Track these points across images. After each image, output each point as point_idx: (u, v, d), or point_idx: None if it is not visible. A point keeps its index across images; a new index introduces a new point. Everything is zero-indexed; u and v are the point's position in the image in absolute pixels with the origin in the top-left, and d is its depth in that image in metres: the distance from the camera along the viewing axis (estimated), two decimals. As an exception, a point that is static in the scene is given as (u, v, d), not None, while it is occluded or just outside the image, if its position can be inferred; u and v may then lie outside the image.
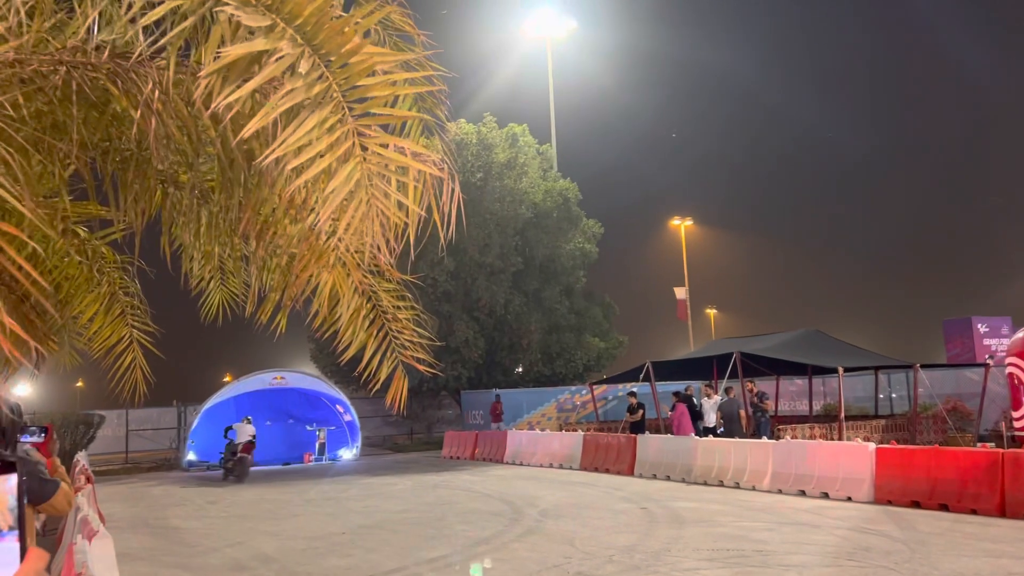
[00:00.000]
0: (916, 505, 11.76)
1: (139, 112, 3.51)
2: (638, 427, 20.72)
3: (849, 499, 12.66)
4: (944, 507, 11.41)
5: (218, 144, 3.80)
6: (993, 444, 16.25)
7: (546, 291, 30.91)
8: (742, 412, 18.58)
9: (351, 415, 25.85)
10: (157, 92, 3.49)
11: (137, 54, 3.50)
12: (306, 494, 16.80)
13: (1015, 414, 16.46)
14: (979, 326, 25.78)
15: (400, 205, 3.39)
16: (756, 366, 20.60)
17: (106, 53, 3.49)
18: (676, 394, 20.21)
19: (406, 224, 3.66)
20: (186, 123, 3.76)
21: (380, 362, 4.79)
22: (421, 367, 4.79)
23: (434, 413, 32.94)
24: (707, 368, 22.63)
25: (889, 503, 12.11)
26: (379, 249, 3.48)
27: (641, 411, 21.30)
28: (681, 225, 51.35)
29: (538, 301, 30.79)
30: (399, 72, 3.31)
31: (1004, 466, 11.02)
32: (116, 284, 6.08)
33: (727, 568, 8.30)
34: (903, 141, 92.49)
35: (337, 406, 25.91)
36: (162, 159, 3.95)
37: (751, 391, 18.91)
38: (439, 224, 3.42)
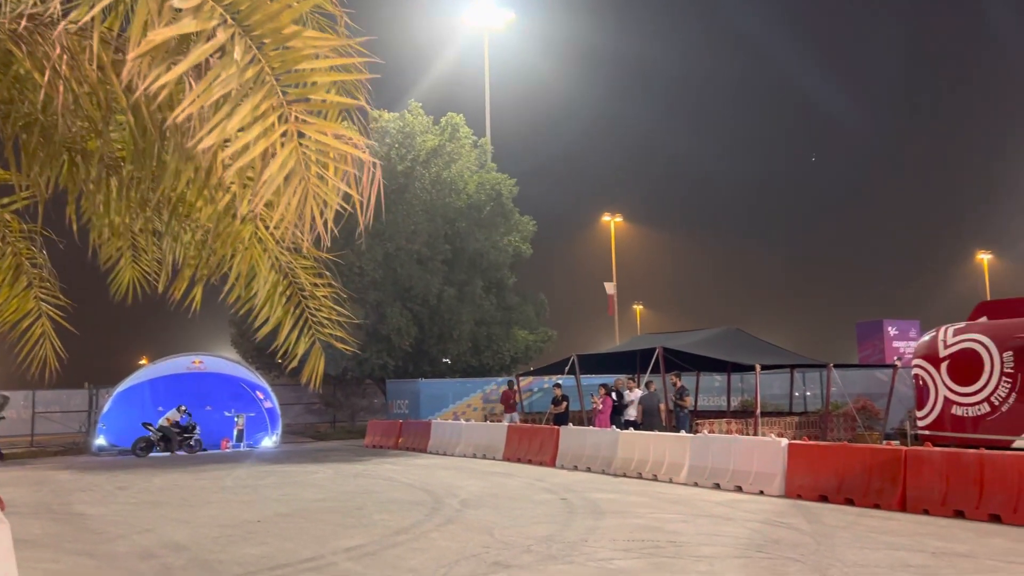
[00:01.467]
0: (824, 499, 12.19)
1: (45, 76, 3.32)
2: (562, 419, 20.93)
3: (761, 492, 13.03)
4: (850, 501, 11.86)
5: (129, 113, 3.63)
6: (898, 442, 16.97)
7: (471, 285, 30.86)
8: (662, 406, 18.93)
9: (272, 402, 25.37)
10: (65, 56, 3.31)
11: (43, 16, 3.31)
12: (222, 481, 16.40)
13: (919, 413, 17.21)
14: (889, 329, 26.87)
15: (330, 186, 3.31)
16: (678, 362, 21.02)
17: (7, 14, 3.29)
18: (603, 386, 20.50)
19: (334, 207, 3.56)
20: (95, 89, 3.58)
21: (297, 339, 4.69)
22: (339, 344, 4.71)
23: (358, 402, 32.59)
24: (631, 362, 22.99)
25: (799, 497, 12.51)
26: (309, 232, 3.40)
27: (565, 403, 21.52)
28: (611, 221, 52.03)
29: (464, 294, 30.75)
30: (332, 57, 3.22)
31: (906, 463, 11.52)
32: (22, 255, 5.77)
33: (641, 559, 8.44)
34: (823, 147, 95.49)
35: (257, 392, 25.38)
36: (69, 125, 3.75)
37: (675, 385, 19.29)
38: (359, 208, 3.36)
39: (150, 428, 22.79)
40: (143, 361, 35.83)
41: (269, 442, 25.08)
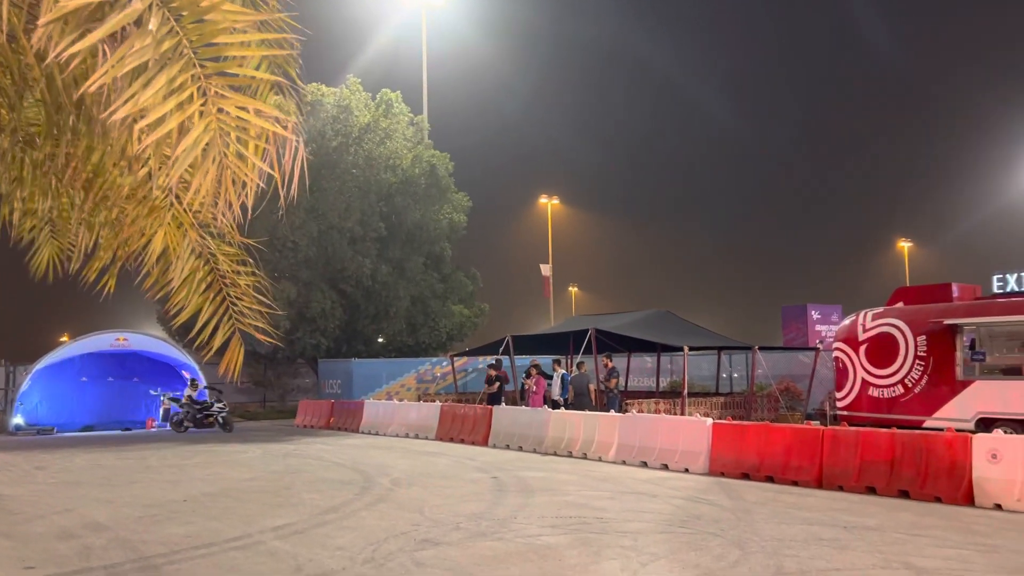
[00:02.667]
0: (746, 477, 12.60)
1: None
2: (495, 399, 21.08)
3: (687, 470, 13.39)
4: (770, 479, 12.29)
5: (43, 85, 3.50)
6: (819, 422, 17.60)
7: (411, 260, 30.75)
8: (592, 386, 19.22)
9: (199, 381, 24.86)
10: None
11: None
12: (146, 461, 16.06)
13: (838, 394, 17.89)
14: (813, 313, 27.71)
15: (250, 165, 3.26)
16: (610, 343, 21.36)
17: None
18: (535, 367, 20.72)
19: (258, 185, 3.52)
20: (7, 60, 3.44)
21: (215, 328, 4.61)
22: (260, 335, 4.65)
23: (289, 381, 32.21)
24: (564, 343, 23.26)
25: (722, 475, 12.91)
26: (228, 210, 3.35)
27: (499, 383, 21.66)
28: (548, 203, 52.30)
29: (402, 271, 30.60)
30: (253, 31, 3.17)
31: (824, 442, 11.98)
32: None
33: (568, 535, 8.61)
34: (753, 133, 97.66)
35: (184, 371, 24.84)
36: (-22, 96, 3.60)
37: (606, 366, 19.61)
38: (280, 184, 3.32)
39: (178, 403, 22.44)
40: (64, 338, 34.68)
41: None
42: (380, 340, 31.77)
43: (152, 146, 2.91)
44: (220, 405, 22.41)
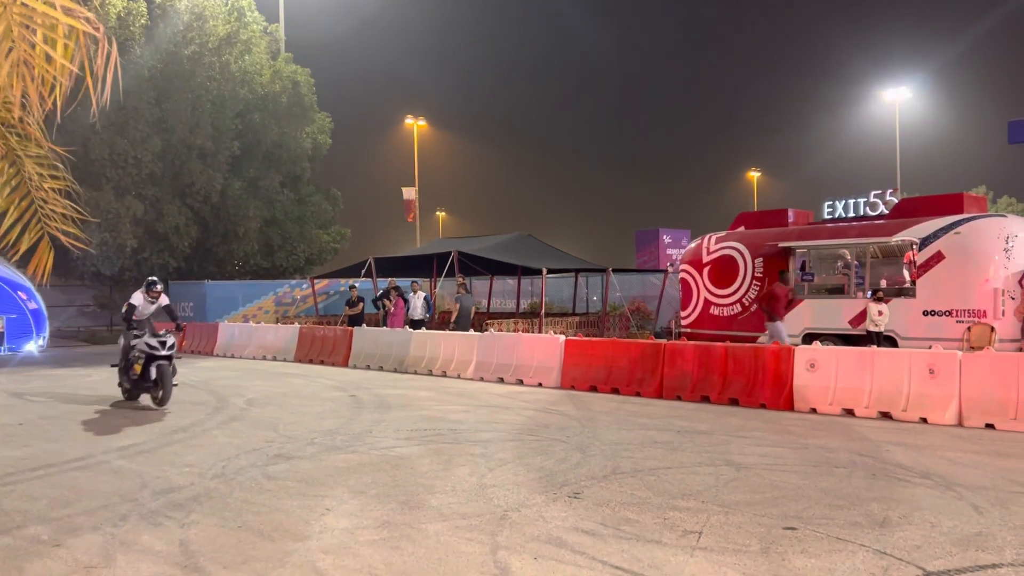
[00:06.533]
0: (594, 389, 13.30)
1: None
2: (357, 320, 21.03)
3: (540, 385, 13.97)
4: (616, 390, 13.03)
5: None
6: (666, 339, 18.66)
7: (266, 179, 29.66)
8: (474, 308, 19.48)
9: (36, 303, 23.35)
10: None
11: None
12: (-23, 387, 15.09)
13: (683, 313, 18.98)
14: (665, 237, 29.01)
15: (58, 66, 3.09)
16: (473, 266, 21.64)
17: None
18: (396, 288, 20.75)
19: (76, 93, 3.33)
20: None
21: (22, 232, 4.42)
22: (66, 239, 4.49)
23: (138, 304, 30.77)
24: (427, 266, 23.36)
25: (572, 388, 13.56)
26: (26, 110, 3.17)
27: (361, 304, 21.60)
28: (414, 124, 51.31)
29: (256, 189, 29.50)
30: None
31: (664, 356, 12.78)
32: None
33: (421, 445, 8.88)
34: (617, 64, 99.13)
35: (19, 292, 23.21)
36: None
37: (460, 282, 19.81)
38: (91, 88, 3.16)
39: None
40: None
41: (33, 346, 23.20)
42: (237, 264, 30.73)
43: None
44: (170, 344, 12.01)
